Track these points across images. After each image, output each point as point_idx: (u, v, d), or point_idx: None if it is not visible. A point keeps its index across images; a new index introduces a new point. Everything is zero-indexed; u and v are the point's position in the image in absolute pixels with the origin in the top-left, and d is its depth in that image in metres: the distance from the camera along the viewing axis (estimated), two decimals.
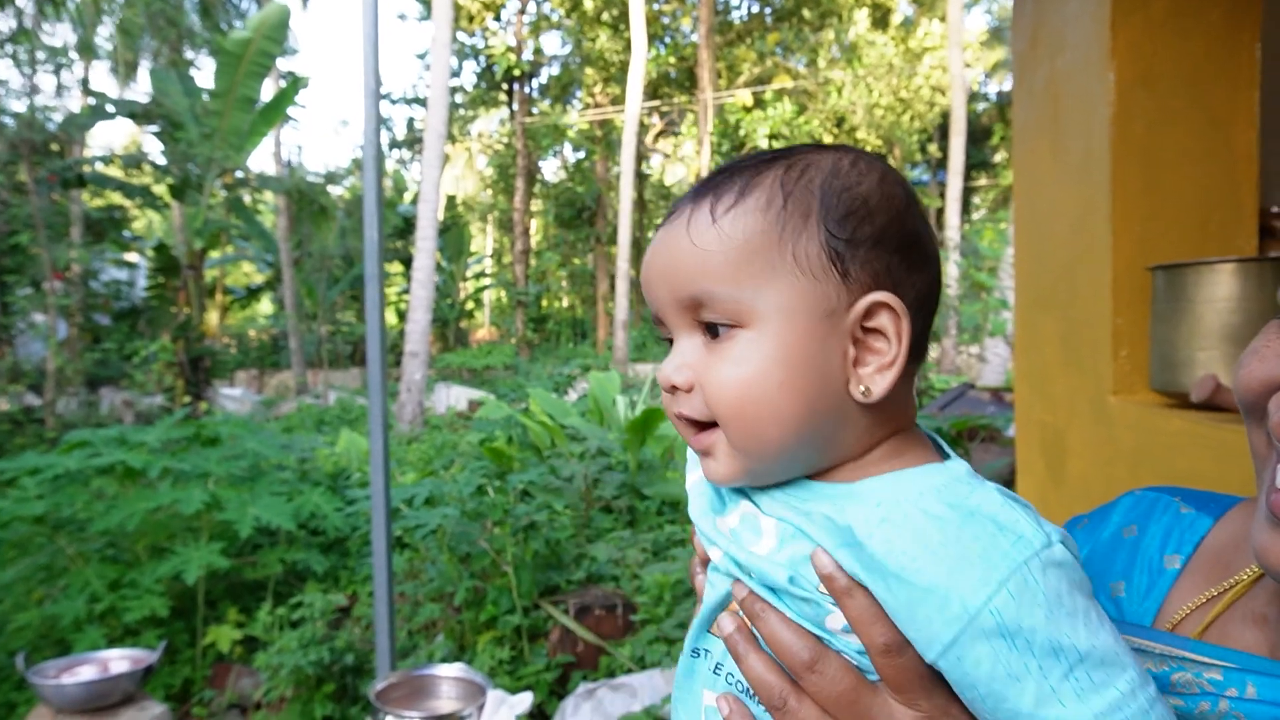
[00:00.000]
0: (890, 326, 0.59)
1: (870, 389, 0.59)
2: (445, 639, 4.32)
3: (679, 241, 0.62)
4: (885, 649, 0.55)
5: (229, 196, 14.95)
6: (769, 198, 0.60)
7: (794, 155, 0.63)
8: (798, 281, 0.59)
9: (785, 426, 0.59)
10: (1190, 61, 1.95)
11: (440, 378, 17.97)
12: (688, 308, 0.62)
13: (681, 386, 0.62)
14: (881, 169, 0.63)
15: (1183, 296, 1.73)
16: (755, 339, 0.59)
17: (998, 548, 0.53)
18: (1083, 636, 0.52)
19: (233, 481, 5.01)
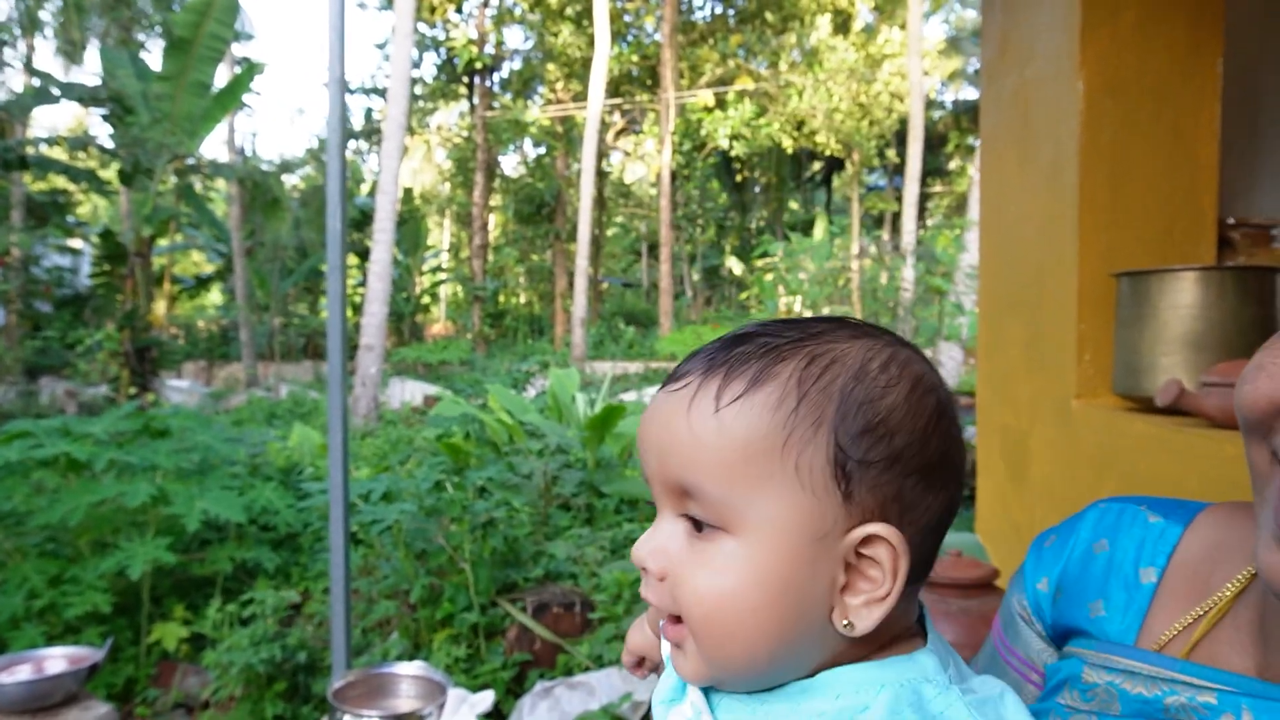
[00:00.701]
0: (886, 561, 0.54)
1: (854, 624, 0.54)
2: (400, 637, 4.26)
3: (677, 421, 0.56)
4: None
5: (180, 183, 14.57)
6: (781, 395, 0.55)
7: (821, 341, 0.57)
8: (796, 496, 0.54)
9: (755, 649, 0.55)
10: (1156, 74, 1.99)
11: (395, 372, 17.74)
12: (675, 492, 0.57)
13: (653, 573, 0.58)
14: (915, 375, 0.58)
15: (1147, 303, 1.77)
16: (738, 551, 0.54)
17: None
18: None
19: (181, 475, 4.88)
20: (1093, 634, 0.73)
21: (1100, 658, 0.69)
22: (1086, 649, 0.71)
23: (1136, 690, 0.64)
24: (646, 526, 2.56)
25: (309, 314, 23.95)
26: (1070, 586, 0.77)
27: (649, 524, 0.64)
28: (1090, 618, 0.74)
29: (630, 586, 4.40)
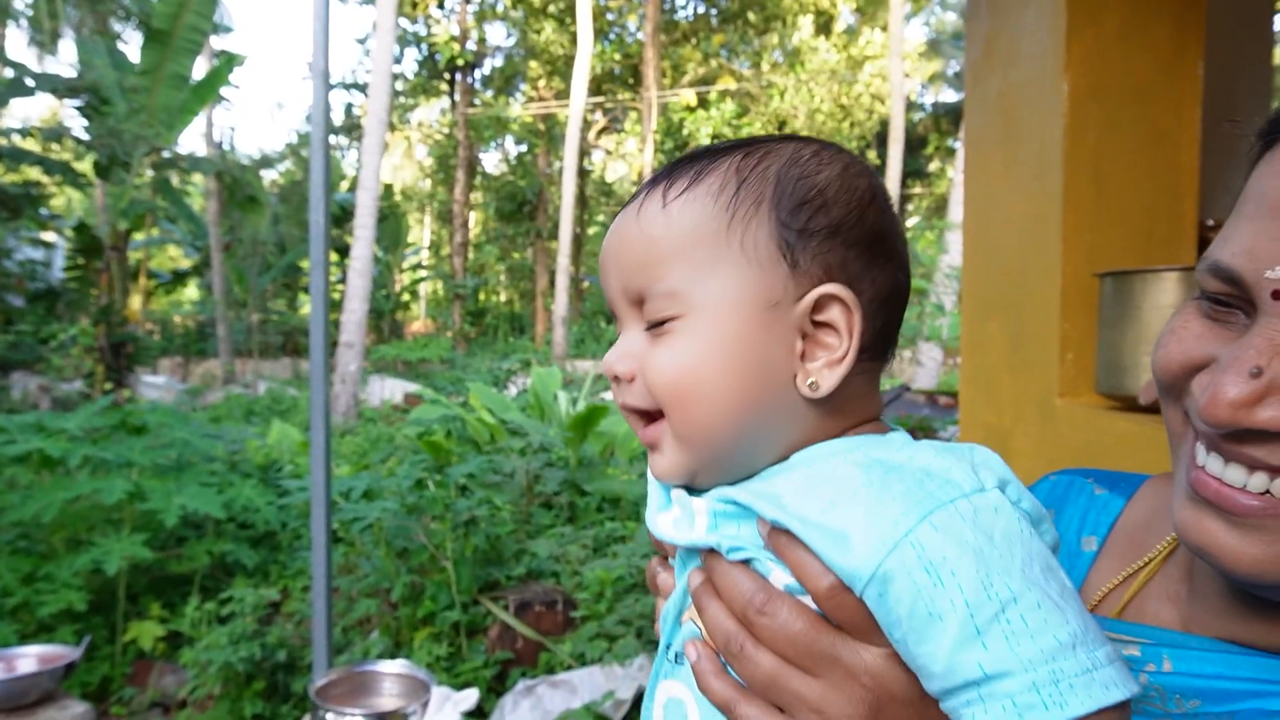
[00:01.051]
0: (841, 320, 0.57)
1: (818, 383, 0.57)
2: (381, 635, 4.23)
3: (629, 228, 0.61)
4: (830, 591, 0.52)
5: (156, 177, 14.39)
6: (722, 184, 0.59)
7: (755, 144, 0.62)
8: (743, 270, 0.57)
9: (725, 414, 0.57)
10: (1138, 77, 2.01)
11: (375, 370, 17.62)
12: (633, 300, 0.61)
13: (623, 376, 0.61)
14: (846, 160, 0.62)
15: (1129, 303, 1.79)
16: (694, 327, 0.57)
17: (923, 488, 0.50)
18: (1017, 578, 0.48)
19: (158, 472, 4.82)
20: None
21: None
22: None
23: None
24: (628, 525, 2.59)
25: (287, 310, 23.74)
26: None
27: (631, 522, 0.65)
28: None
29: (612, 584, 4.39)
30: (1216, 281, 0.54)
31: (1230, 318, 0.54)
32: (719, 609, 0.57)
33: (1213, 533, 0.54)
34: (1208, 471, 0.54)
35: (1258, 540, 0.52)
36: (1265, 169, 0.53)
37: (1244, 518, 0.52)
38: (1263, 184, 0.52)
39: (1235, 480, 0.52)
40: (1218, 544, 0.53)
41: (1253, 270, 0.51)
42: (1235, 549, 0.53)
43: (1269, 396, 0.49)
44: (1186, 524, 0.56)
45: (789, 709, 0.54)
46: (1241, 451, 0.52)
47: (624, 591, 4.45)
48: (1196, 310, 0.58)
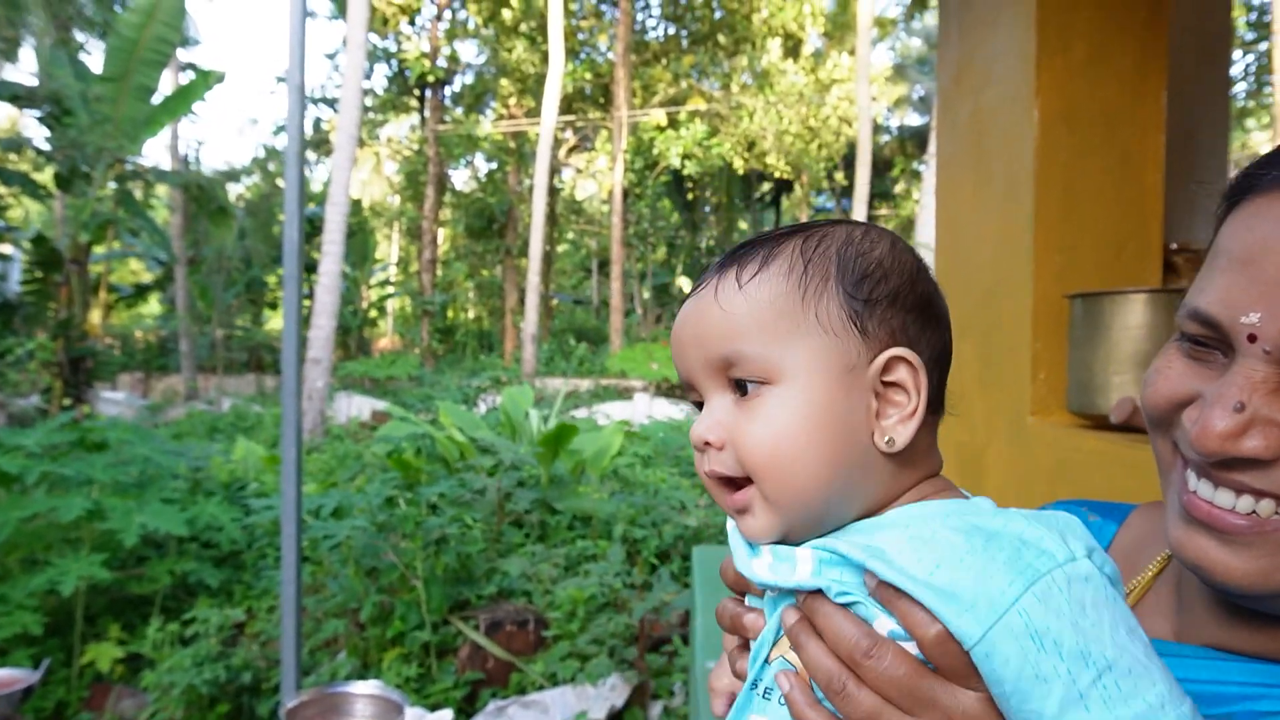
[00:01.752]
0: (909, 379, 0.63)
1: (894, 439, 0.63)
2: (348, 656, 4.16)
3: (709, 308, 0.66)
4: (937, 640, 0.56)
5: (119, 189, 14.15)
6: (790, 264, 0.65)
7: (810, 228, 0.68)
8: (821, 339, 0.63)
9: (816, 477, 0.62)
10: (1106, 103, 2.07)
11: (341, 386, 17.41)
12: (719, 368, 0.65)
13: (714, 444, 0.65)
14: (891, 238, 0.68)
15: (1099, 324, 1.83)
16: (784, 394, 0.63)
17: (1022, 558, 0.55)
18: (1109, 646, 0.53)
19: (118, 489, 4.71)
20: None
21: None
22: None
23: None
24: (600, 544, 2.58)
25: (252, 326, 23.41)
26: None
27: (603, 541, 0.67)
28: None
29: (584, 603, 4.37)
30: (1196, 325, 0.61)
31: (1209, 357, 0.61)
32: (819, 648, 0.61)
33: (1205, 549, 0.60)
34: (1199, 496, 0.60)
35: (1246, 556, 0.58)
36: (1234, 225, 0.60)
37: (1233, 536, 0.58)
38: (1232, 239, 0.59)
39: (1224, 503, 0.59)
40: (1210, 560, 0.60)
41: (1229, 316, 0.58)
42: (1226, 564, 0.59)
43: (1252, 428, 0.56)
44: (1181, 542, 0.62)
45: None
46: (1229, 477, 0.58)
47: (596, 610, 4.42)
48: (1178, 351, 0.64)
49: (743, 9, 25.47)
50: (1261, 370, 0.56)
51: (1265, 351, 0.56)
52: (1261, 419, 0.56)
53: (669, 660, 4.17)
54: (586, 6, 26.57)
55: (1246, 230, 0.58)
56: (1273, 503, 0.57)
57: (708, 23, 26.57)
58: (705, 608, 2.98)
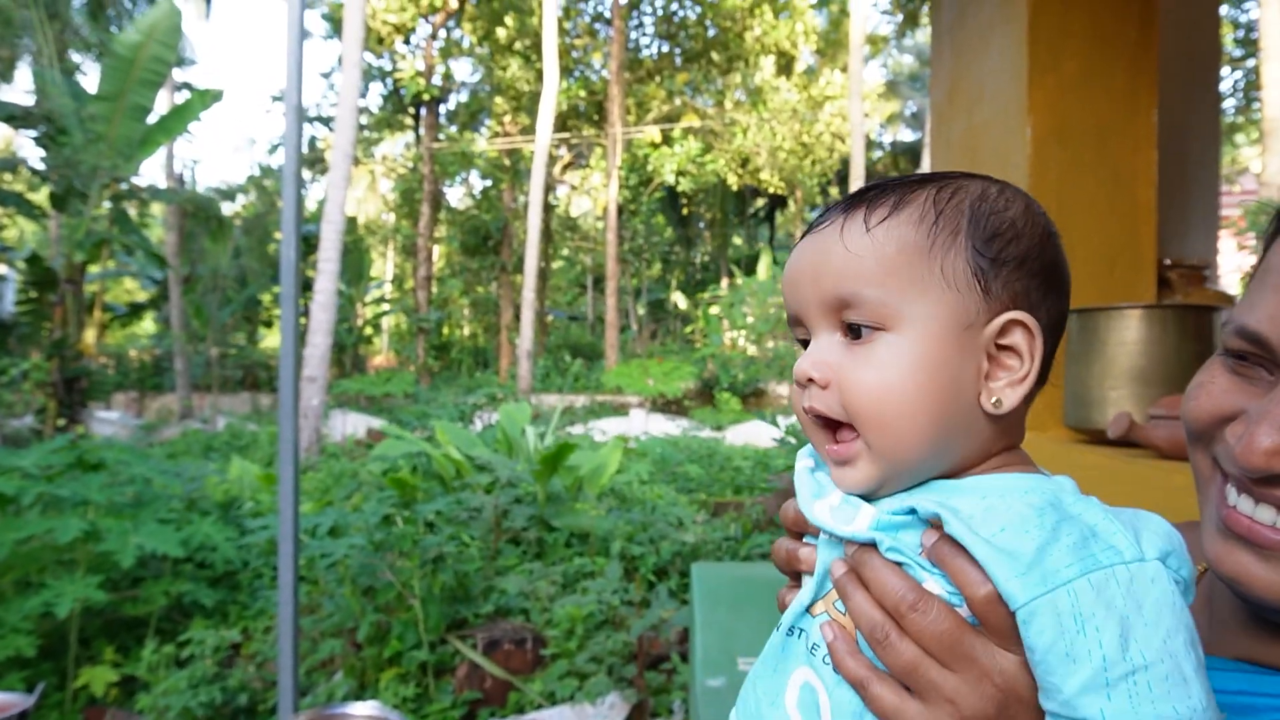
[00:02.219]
0: (1024, 344, 0.63)
1: (1002, 401, 0.62)
2: (345, 676, 4.13)
3: (831, 245, 0.65)
4: (987, 599, 0.56)
5: (114, 208, 14.16)
6: (922, 213, 0.64)
7: (945, 179, 0.67)
8: (943, 293, 0.62)
9: (920, 430, 0.61)
10: (1097, 121, 2.09)
11: (337, 404, 17.37)
12: (833, 307, 0.64)
13: (819, 381, 0.64)
14: (1026, 200, 0.67)
15: (1095, 339, 1.84)
16: (897, 343, 0.62)
17: (1088, 549, 0.54)
18: (1153, 649, 0.52)
19: (114, 510, 4.68)
20: None
21: None
22: None
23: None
24: (598, 561, 2.57)
25: (248, 344, 23.37)
26: None
27: (601, 558, 0.66)
28: None
29: (583, 621, 4.35)
30: (1242, 342, 0.61)
31: (1255, 374, 0.61)
32: (865, 598, 0.61)
33: (1245, 565, 0.60)
34: (1239, 511, 0.60)
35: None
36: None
37: (1274, 551, 0.58)
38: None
39: (1265, 519, 0.59)
40: (1250, 575, 0.60)
41: (1277, 334, 0.58)
42: (1266, 579, 0.59)
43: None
44: (1220, 556, 0.62)
45: (923, 695, 0.59)
46: (1271, 493, 0.58)
47: (594, 628, 4.40)
48: (1222, 366, 0.64)
49: (736, 27, 25.68)
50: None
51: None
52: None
53: (668, 678, 4.14)
54: (580, 25, 26.76)
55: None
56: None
57: (701, 40, 26.77)
58: (704, 625, 2.97)
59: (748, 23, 25.46)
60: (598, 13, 26.78)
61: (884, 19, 29.87)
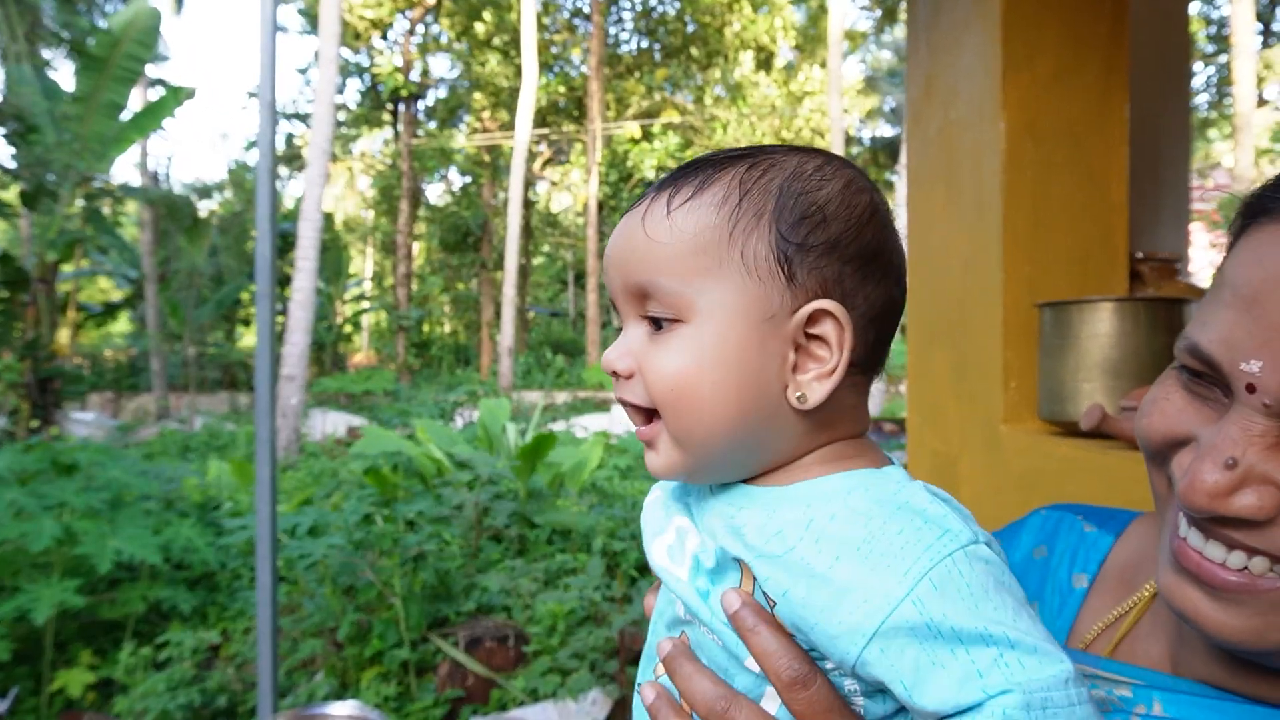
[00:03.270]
0: (833, 335, 0.59)
1: (806, 395, 0.59)
2: (326, 676, 4.11)
3: (634, 231, 0.61)
4: (791, 682, 0.55)
5: (87, 206, 13.97)
6: (725, 194, 0.60)
7: (761, 154, 0.62)
8: (743, 281, 0.58)
9: (719, 422, 0.59)
10: (1070, 117, 2.11)
11: (316, 403, 17.25)
12: (635, 297, 0.62)
13: (622, 372, 0.62)
14: (848, 176, 0.62)
15: (1068, 332, 1.86)
16: (694, 334, 0.59)
17: (922, 540, 0.53)
18: (1011, 628, 0.51)
19: (90, 513, 4.63)
20: None
21: None
22: None
23: None
24: (580, 557, 2.59)
25: (225, 343, 23.16)
26: None
27: (582, 554, 0.67)
28: None
29: (565, 617, 4.35)
30: (1195, 361, 0.57)
31: (1209, 394, 0.57)
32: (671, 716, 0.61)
33: (1195, 602, 0.56)
34: (1190, 544, 0.56)
35: (1237, 613, 0.54)
36: (1244, 255, 0.54)
37: (1224, 592, 0.54)
38: (1239, 271, 0.54)
39: (1215, 556, 0.55)
40: (1200, 613, 0.56)
41: (1229, 360, 0.53)
42: (1216, 620, 0.55)
43: (1244, 486, 0.52)
44: (1171, 590, 0.58)
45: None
46: (1220, 532, 0.54)
47: (576, 624, 4.41)
48: (1177, 382, 0.60)
49: (715, 22, 25.69)
50: (1260, 424, 0.52)
51: (1265, 404, 0.51)
52: (1257, 476, 0.52)
53: None
54: (559, 20, 26.68)
55: (1255, 263, 0.53)
56: (1266, 561, 0.53)
57: (680, 36, 26.77)
58: None
59: (727, 18, 25.49)
60: (576, 8, 26.72)
61: (862, 14, 30.01)
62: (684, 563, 0.63)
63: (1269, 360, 0.51)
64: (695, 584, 0.61)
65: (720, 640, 0.60)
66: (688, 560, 0.62)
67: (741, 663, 0.59)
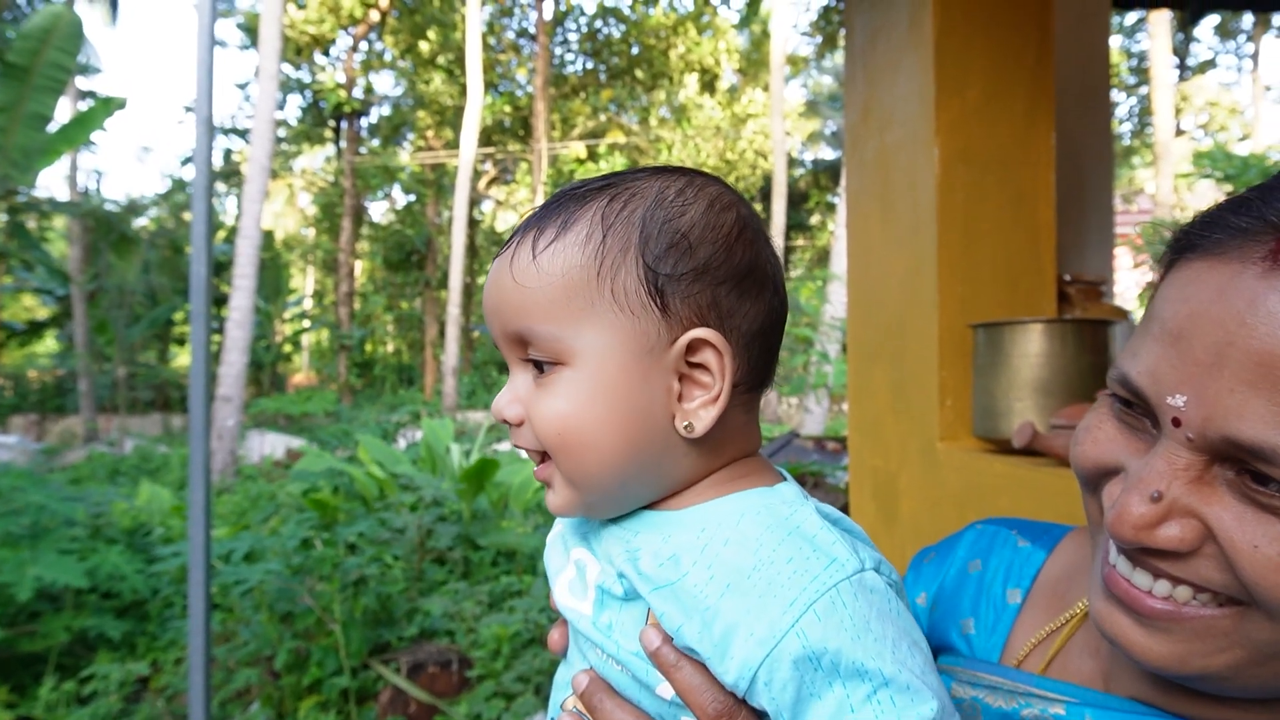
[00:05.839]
0: (714, 363, 0.59)
1: (693, 425, 0.59)
2: (262, 706, 3.99)
3: (504, 278, 0.61)
4: (718, 716, 0.56)
5: (11, 220, 13.47)
6: (589, 232, 0.59)
7: (621, 183, 0.62)
8: (616, 318, 0.58)
9: (608, 461, 0.59)
10: (999, 143, 2.19)
11: (254, 424, 16.81)
12: (515, 343, 0.61)
13: (511, 420, 0.62)
14: (711, 195, 0.61)
15: (1000, 351, 1.92)
16: (575, 377, 0.59)
17: (808, 570, 0.54)
18: (889, 662, 0.52)
19: (9, 541, 4.43)
20: (962, 651, 0.79)
21: (967, 674, 0.74)
22: (955, 665, 0.76)
23: (997, 704, 0.69)
24: (526, 579, 2.58)
25: (158, 363, 22.46)
26: (945, 603, 0.83)
27: (527, 576, 0.67)
28: (962, 634, 0.80)
29: (510, 640, 4.30)
30: (1125, 391, 0.58)
31: (1139, 424, 0.58)
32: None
33: (1124, 628, 0.57)
34: (1119, 571, 0.58)
35: (1163, 640, 0.56)
36: (1170, 290, 0.56)
37: (1151, 619, 0.56)
38: (1166, 307, 0.55)
39: (1142, 584, 0.56)
40: (1128, 639, 0.57)
41: (1156, 393, 0.54)
42: (1143, 645, 0.56)
43: (1169, 518, 0.53)
44: (1101, 616, 0.59)
45: None
46: (1146, 561, 0.56)
47: (521, 647, 4.36)
48: (1109, 410, 0.61)
49: (660, 45, 25.98)
50: (1184, 457, 0.53)
51: (1189, 439, 0.52)
52: (1180, 509, 0.53)
53: None
54: (504, 40, 26.70)
55: (1181, 299, 0.54)
56: (1189, 589, 0.54)
57: (625, 58, 27.00)
58: None
59: (671, 40, 25.80)
60: (522, 28, 26.76)
61: (804, 40, 30.66)
62: (586, 596, 0.63)
63: (1193, 395, 0.51)
64: (599, 619, 0.62)
65: (629, 671, 0.60)
66: (591, 593, 0.63)
67: (652, 691, 0.59)
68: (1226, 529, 0.52)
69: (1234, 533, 0.51)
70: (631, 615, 0.60)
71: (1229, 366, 0.50)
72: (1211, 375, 0.51)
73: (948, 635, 0.81)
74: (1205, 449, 0.52)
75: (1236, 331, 0.50)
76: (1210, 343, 0.51)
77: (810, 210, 30.07)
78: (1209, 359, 0.51)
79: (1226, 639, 0.54)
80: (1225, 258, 0.52)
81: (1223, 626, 0.54)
